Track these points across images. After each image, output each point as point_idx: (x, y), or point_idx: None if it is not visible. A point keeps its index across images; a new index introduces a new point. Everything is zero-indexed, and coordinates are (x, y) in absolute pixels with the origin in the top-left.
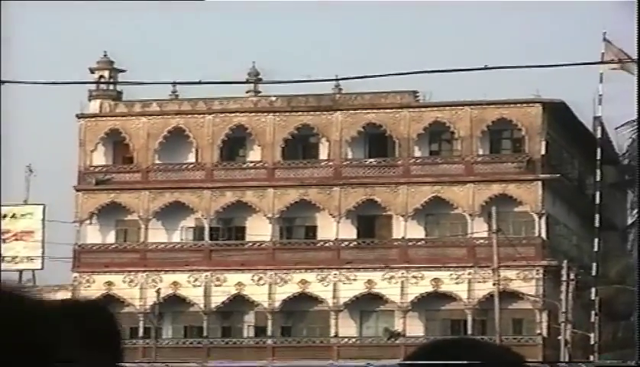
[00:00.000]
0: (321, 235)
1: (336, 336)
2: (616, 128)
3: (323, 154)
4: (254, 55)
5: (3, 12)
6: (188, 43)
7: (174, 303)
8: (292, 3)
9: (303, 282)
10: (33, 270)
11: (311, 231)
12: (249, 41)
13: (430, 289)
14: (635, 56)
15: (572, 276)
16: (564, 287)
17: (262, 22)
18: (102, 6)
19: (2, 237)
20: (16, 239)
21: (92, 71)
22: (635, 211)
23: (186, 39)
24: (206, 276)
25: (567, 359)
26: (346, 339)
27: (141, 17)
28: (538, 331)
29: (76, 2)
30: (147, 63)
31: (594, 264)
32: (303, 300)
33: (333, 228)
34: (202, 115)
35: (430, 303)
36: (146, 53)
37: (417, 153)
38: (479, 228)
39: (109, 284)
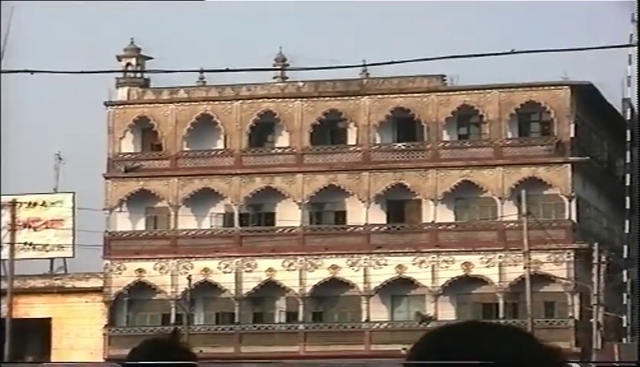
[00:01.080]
0: (350, 220)
1: (367, 320)
2: None
3: (351, 139)
4: (281, 40)
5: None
6: (214, 29)
7: (205, 290)
8: None
9: (334, 267)
10: (64, 258)
11: (341, 216)
12: (275, 27)
13: (461, 273)
14: None
15: (603, 258)
16: (595, 270)
17: (288, 7)
18: None
19: (33, 225)
20: (46, 227)
21: (120, 59)
22: None
23: (213, 25)
24: (237, 262)
25: (599, 342)
26: (377, 324)
27: (167, 4)
28: (570, 314)
29: None
30: (174, 50)
31: (625, 247)
32: (334, 286)
33: (362, 213)
34: (229, 102)
35: (461, 286)
36: (173, 40)
37: (445, 137)
38: (509, 212)
39: (140, 271)
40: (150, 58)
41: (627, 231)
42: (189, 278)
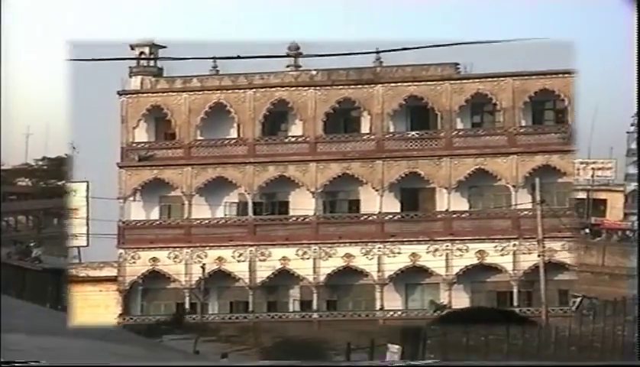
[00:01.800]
0: (364, 208)
1: (381, 309)
2: None
3: (365, 127)
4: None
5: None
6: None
7: (219, 279)
8: None
9: (348, 256)
10: (78, 247)
11: (355, 204)
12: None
13: (475, 261)
14: None
15: None
16: None
17: None
18: None
19: None
20: None
21: (133, 47)
22: None
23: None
24: (250, 251)
25: None
26: (391, 313)
27: None
28: None
29: None
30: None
31: None
32: (348, 274)
33: (376, 202)
34: (243, 90)
35: (475, 275)
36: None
37: (459, 125)
38: (523, 200)
39: (154, 260)
40: (164, 47)
41: None
42: (203, 267)
